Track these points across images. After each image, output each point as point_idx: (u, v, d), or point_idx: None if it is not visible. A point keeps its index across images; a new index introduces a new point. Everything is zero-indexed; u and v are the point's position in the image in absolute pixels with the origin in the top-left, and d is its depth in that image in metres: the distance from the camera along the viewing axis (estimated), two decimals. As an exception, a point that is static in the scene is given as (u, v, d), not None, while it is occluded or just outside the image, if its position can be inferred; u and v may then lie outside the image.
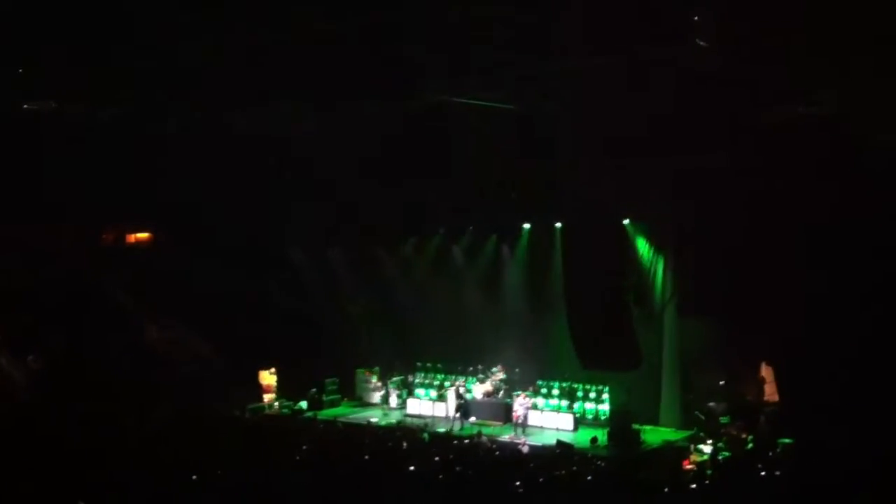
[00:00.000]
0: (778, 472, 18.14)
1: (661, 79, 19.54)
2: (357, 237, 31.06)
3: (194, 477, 18.04)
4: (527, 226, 28.76)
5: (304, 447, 22.56)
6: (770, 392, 24.87)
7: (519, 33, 17.73)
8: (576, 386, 27.58)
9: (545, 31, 17.61)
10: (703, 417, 24.85)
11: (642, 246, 26.15)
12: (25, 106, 23.03)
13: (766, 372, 25.11)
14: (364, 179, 27.06)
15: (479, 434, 25.28)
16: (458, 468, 20.34)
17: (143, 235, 32.24)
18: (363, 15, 16.76)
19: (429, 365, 31.17)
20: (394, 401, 30.91)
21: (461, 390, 28.58)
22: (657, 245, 26.05)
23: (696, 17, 16.62)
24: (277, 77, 20.34)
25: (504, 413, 27.75)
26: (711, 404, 24.90)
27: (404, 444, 23.53)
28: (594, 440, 24.74)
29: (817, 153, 21.10)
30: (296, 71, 19.78)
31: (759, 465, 19.01)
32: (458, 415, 27.70)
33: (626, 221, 25.83)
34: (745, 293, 23.51)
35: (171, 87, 20.95)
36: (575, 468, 20.46)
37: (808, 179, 21.48)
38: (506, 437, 25.77)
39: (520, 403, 26.82)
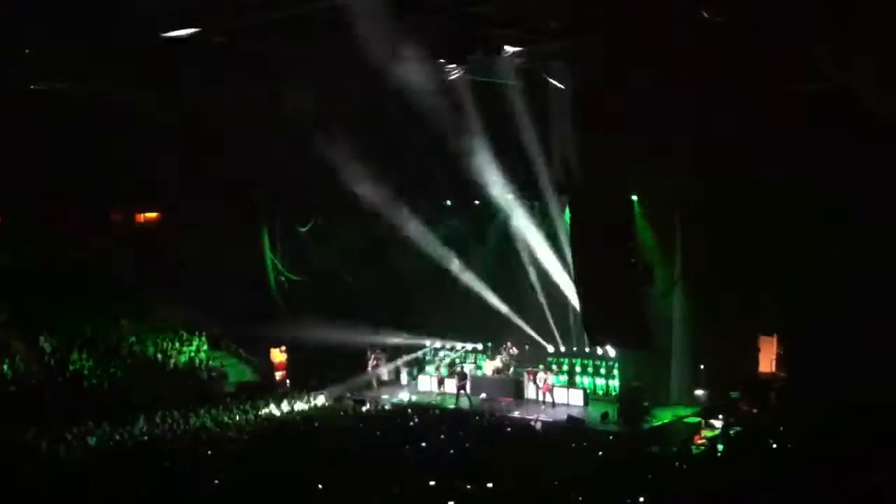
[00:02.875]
0: (789, 447, 18.14)
1: (664, 52, 19.44)
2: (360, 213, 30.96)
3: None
4: (537, 202, 28.59)
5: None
6: (765, 364, 24.91)
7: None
8: (586, 362, 27.57)
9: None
10: (712, 392, 24.84)
11: (651, 223, 26.00)
12: (33, 87, 23.00)
13: (762, 343, 25.10)
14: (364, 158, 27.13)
15: (490, 410, 25.36)
16: (466, 444, 20.47)
17: (152, 215, 32.33)
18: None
19: (438, 342, 31.13)
20: (404, 378, 31.00)
21: (464, 367, 28.65)
22: (666, 223, 25.89)
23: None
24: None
25: (514, 389, 27.77)
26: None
27: (414, 421, 23.68)
28: (605, 416, 24.77)
29: (823, 128, 20.99)
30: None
31: (770, 440, 18.99)
32: (462, 392, 27.76)
33: (634, 199, 25.67)
34: (752, 270, 23.53)
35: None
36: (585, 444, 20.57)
37: (813, 154, 21.40)
38: (516, 413, 25.85)
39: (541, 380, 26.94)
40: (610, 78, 21.08)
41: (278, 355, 31.55)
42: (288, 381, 31.00)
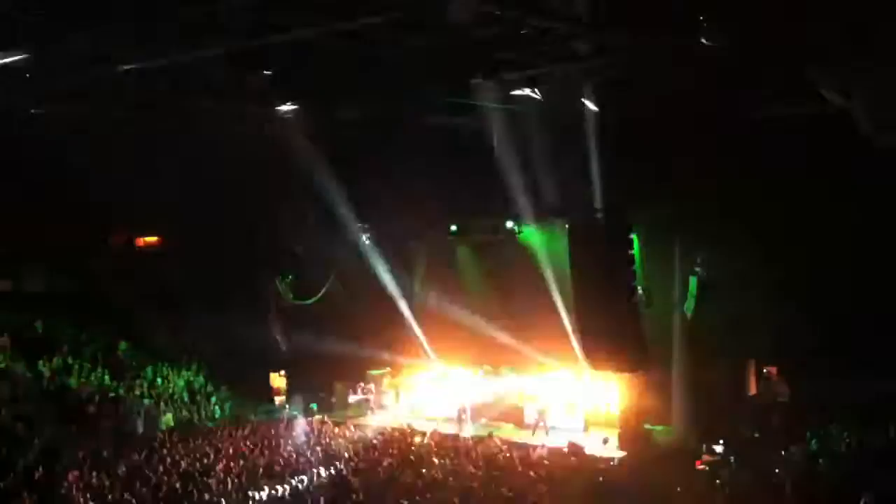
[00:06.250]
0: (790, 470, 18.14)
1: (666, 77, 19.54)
2: (361, 238, 31.00)
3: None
4: (534, 225, 28.58)
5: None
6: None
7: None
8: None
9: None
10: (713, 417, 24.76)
11: (649, 246, 25.97)
12: (33, 111, 23.00)
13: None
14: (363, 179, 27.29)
15: (490, 435, 25.26)
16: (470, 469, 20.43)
17: (152, 239, 32.32)
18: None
19: (439, 366, 31.08)
20: (404, 402, 30.94)
21: (467, 391, 28.64)
22: (665, 246, 25.89)
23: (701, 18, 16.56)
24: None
25: (515, 414, 27.70)
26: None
27: (413, 447, 23.61)
28: (605, 440, 24.68)
29: (823, 153, 21.09)
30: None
31: (772, 463, 18.99)
32: (464, 416, 27.71)
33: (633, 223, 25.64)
34: (751, 293, 23.56)
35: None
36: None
37: (812, 179, 21.50)
38: (516, 438, 25.77)
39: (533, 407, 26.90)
40: (611, 103, 21.17)
41: (277, 380, 31.52)
42: (287, 406, 30.92)
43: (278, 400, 31.30)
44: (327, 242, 30.95)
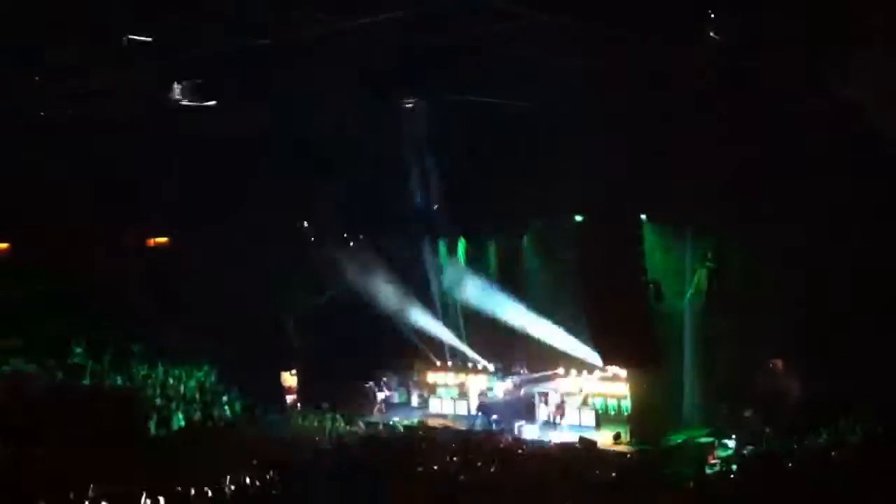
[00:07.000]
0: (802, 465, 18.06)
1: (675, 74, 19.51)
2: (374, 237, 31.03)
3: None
4: (540, 222, 28.58)
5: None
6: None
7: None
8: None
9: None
10: (724, 411, 24.68)
11: (662, 241, 25.92)
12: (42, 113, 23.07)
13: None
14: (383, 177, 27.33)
15: (502, 431, 25.29)
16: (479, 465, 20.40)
17: (163, 240, 32.38)
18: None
19: (450, 364, 31.07)
20: (415, 400, 30.94)
21: (483, 389, 28.60)
22: (677, 240, 25.83)
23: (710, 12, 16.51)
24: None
25: (526, 411, 27.68)
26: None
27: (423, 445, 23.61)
28: (617, 436, 24.65)
29: (832, 147, 21.03)
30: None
31: (784, 458, 18.91)
32: (479, 413, 27.72)
33: (644, 217, 25.59)
34: (765, 289, 23.51)
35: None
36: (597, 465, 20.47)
37: (825, 174, 21.44)
38: (528, 435, 25.77)
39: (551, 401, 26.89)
40: (616, 99, 21.13)
41: (289, 379, 31.56)
42: (299, 404, 30.95)
43: (290, 399, 31.33)
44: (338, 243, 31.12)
